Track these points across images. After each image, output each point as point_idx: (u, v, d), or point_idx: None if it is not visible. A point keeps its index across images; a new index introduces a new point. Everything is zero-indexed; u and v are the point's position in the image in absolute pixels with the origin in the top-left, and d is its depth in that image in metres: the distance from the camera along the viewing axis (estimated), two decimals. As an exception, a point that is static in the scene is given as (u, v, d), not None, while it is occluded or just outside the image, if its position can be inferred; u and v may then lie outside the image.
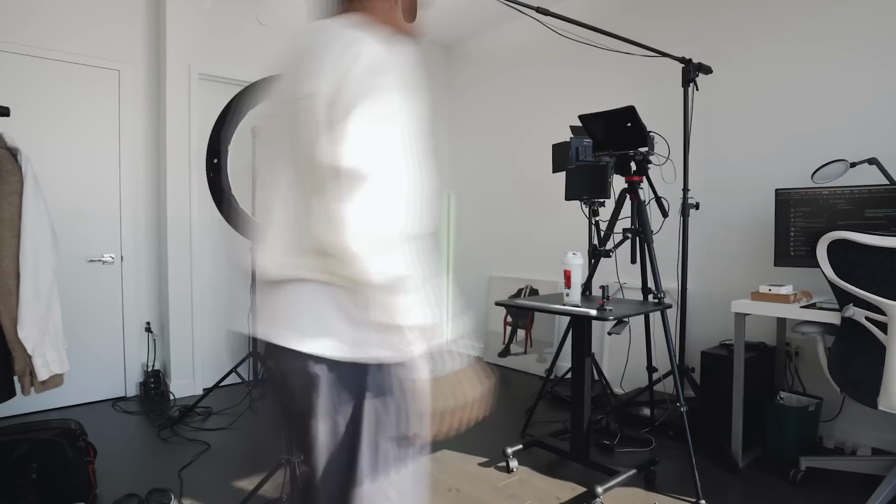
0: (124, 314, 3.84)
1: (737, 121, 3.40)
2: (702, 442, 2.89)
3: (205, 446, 3.00)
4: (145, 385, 3.82)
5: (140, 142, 3.90)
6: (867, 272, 2.11)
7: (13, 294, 2.17)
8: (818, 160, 2.90)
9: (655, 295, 2.76)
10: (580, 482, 2.59)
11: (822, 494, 2.45)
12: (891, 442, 2.78)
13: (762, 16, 3.27)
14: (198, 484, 2.58)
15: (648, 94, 3.70)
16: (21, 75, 3.41)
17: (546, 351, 4.38)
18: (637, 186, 2.85)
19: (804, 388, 3.05)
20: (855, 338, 2.24)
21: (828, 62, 3.02)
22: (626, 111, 2.65)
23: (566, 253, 2.59)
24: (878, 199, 2.58)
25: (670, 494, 2.48)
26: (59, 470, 2.29)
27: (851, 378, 2.26)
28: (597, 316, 2.37)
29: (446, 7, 4.38)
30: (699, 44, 3.51)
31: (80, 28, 3.60)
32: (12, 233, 2.18)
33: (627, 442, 3.03)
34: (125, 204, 3.83)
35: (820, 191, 2.75)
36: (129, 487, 2.47)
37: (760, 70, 3.29)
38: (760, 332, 3.16)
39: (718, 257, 3.48)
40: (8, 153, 2.26)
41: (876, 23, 2.86)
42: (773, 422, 2.82)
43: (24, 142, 2.49)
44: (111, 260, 3.79)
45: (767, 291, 2.64)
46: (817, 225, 2.74)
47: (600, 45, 2.75)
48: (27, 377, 2.21)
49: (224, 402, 3.69)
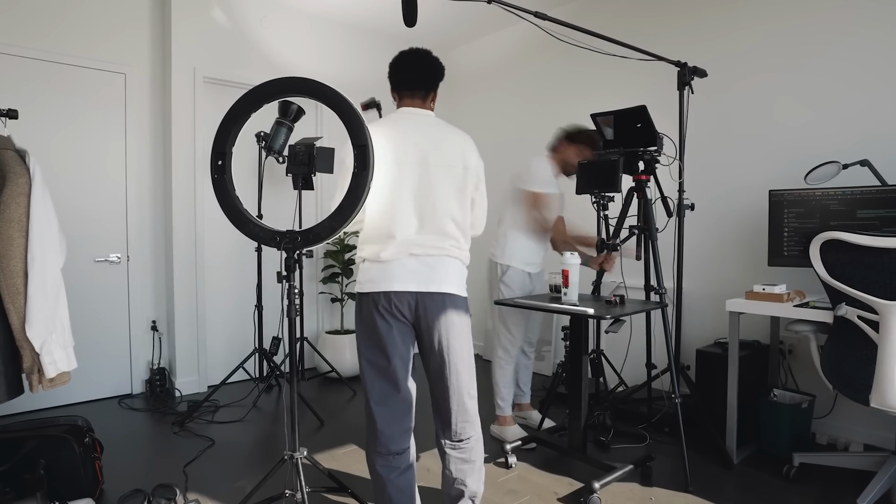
0: (130, 313, 3.90)
1: (731, 123, 3.44)
2: (697, 438, 2.94)
3: (209, 442, 3.05)
4: (151, 382, 3.88)
5: (146, 144, 3.95)
6: (859, 272, 2.15)
7: (21, 293, 2.19)
8: (811, 162, 2.94)
9: (657, 292, 2.81)
10: (578, 477, 2.63)
11: (815, 490, 2.48)
12: (882, 438, 2.82)
13: (757, 20, 3.31)
14: (203, 479, 2.63)
15: (644, 97, 3.72)
16: (29, 79, 3.47)
17: (544, 349, 4.42)
18: (644, 185, 2.91)
19: (797, 385, 3.09)
20: (847, 336, 2.28)
21: (821, 66, 3.07)
22: (637, 110, 2.70)
23: (564, 253, 2.64)
24: (870, 200, 2.62)
25: (666, 489, 2.52)
26: (67, 466, 2.33)
27: (844, 376, 2.30)
28: (594, 315, 2.41)
29: (444, 12, 4.42)
30: (694, 47, 3.56)
31: (87, 32, 3.66)
32: (20, 233, 2.20)
33: (623, 438, 3.07)
34: (131, 205, 3.89)
35: (813, 192, 2.78)
36: (134, 483, 2.51)
37: (754, 73, 3.33)
38: (754, 330, 3.20)
39: (713, 257, 3.53)
40: (16, 155, 2.29)
41: (867, 28, 2.90)
42: (766, 419, 2.86)
43: (32, 144, 2.54)
44: (117, 260, 3.84)
45: (761, 291, 2.68)
46: (810, 225, 2.78)
47: (597, 49, 2.79)
48: (35, 375, 2.24)
49: (230, 398, 3.75)
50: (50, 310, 2.26)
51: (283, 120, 3.48)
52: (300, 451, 2.06)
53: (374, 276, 1.88)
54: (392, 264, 1.86)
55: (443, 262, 1.91)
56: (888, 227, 2.56)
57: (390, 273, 1.86)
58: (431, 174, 1.89)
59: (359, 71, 4.88)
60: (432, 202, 1.89)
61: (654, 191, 2.96)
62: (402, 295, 1.86)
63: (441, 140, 1.96)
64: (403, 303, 1.86)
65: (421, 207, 1.89)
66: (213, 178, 1.90)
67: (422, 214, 1.89)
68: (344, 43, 4.81)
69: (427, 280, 1.87)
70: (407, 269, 1.86)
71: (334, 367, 4.17)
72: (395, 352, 1.89)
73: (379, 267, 1.87)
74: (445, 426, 1.96)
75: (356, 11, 4.57)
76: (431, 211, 1.89)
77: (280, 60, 4.41)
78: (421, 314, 1.88)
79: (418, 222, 1.88)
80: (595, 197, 3.18)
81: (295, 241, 1.83)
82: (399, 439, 1.93)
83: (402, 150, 1.89)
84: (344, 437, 3.16)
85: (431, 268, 1.88)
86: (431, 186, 1.89)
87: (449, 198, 1.92)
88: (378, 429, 1.91)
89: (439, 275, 1.89)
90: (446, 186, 1.92)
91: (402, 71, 2.05)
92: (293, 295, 1.89)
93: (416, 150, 1.90)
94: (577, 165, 2.94)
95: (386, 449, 1.91)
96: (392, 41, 5.08)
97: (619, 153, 2.89)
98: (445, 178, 1.91)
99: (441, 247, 1.90)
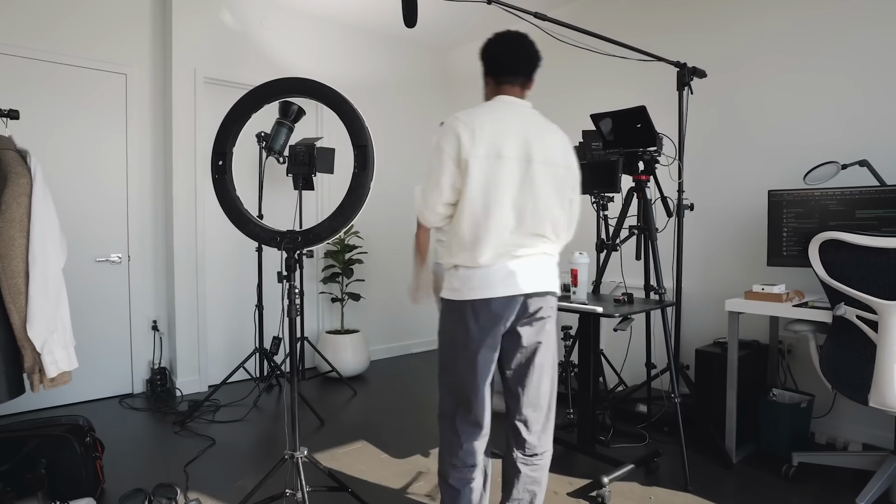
0: (131, 313, 3.91)
1: (730, 124, 3.45)
2: (696, 438, 2.94)
3: (210, 441, 3.06)
4: (152, 382, 3.89)
5: (147, 144, 3.96)
6: (858, 272, 2.15)
7: (22, 293, 2.20)
8: (810, 162, 2.95)
9: (657, 291, 2.82)
10: (579, 475, 2.64)
11: (814, 489, 2.49)
12: (881, 438, 2.83)
13: (756, 21, 3.32)
14: (203, 478, 2.64)
15: (644, 97, 3.73)
16: (30, 79, 3.48)
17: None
18: (644, 185, 2.92)
19: (796, 385, 3.10)
20: (846, 336, 2.28)
21: (820, 67, 3.07)
22: (637, 111, 2.71)
23: (573, 252, 2.63)
24: (869, 200, 2.63)
25: (665, 488, 2.53)
26: (68, 465, 2.33)
27: (843, 375, 2.31)
28: (603, 313, 2.42)
29: (444, 12, 4.43)
30: (694, 48, 3.56)
31: (88, 33, 3.67)
32: (22, 233, 2.21)
33: (622, 437, 3.08)
34: (132, 205, 3.89)
35: (812, 192, 2.79)
36: (136, 482, 2.52)
37: (754, 74, 3.34)
38: (754, 330, 3.20)
39: (713, 257, 3.53)
40: (17, 155, 2.30)
41: (866, 28, 2.90)
42: (766, 418, 2.87)
43: (34, 144, 2.54)
44: (118, 260, 3.85)
45: (760, 291, 2.69)
46: (809, 225, 2.78)
47: (597, 50, 2.80)
48: (36, 374, 2.24)
49: (231, 398, 3.76)
50: (51, 310, 2.27)
51: (283, 120, 3.49)
52: (300, 450, 2.07)
53: (472, 283, 1.75)
54: (492, 269, 1.73)
55: (541, 262, 1.81)
56: (887, 227, 2.57)
57: (490, 279, 1.73)
58: (535, 172, 1.75)
59: (359, 71, 4.89)
60: (534, 202, 1.75)
61: (654, 191, 2.97)
62: (503, 301, 1.74)
63: (545, 134, 1.84)
64: (504, 309, 1.75)
65: (522, 207, 1.74)
66: (214, 178, 1.91)
67: (521, 215, 1.74)
68: (344, 43, 4.82)
69: (528, 281, 1.76)
70: (508, 272, 1.74)
71: (334, 367, 4.18)
72: (484, 364, 1.78)
73: (478, 273, 1.74)
74: (519, 437, 1.87)
75: (356, 12, 4.57)
76: (532, 211, 1.75)
77: (280, 61, 4.41)
78: (519, 317, 1.78)
79: (515, 222, 1.74)
80: (595, 197, 3.20)
81: (295, 241, 1.85)
82: (476, 453, 1.83)
83: (504, 142, 1.73)
84: (344, 437, 3.16)
85: (532, 268, 1.78)
86: (535, 185, 1.75)
87: (550, 198, 1.79)
88: (460, 442, 1.81)
89: (540, 274, 1.79)
90: (549, 185, 1.78)
91: (501, 53, 1.90)
92: (294, 295, 1.89)
93: (521, 144, 1.75)
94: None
95: (462, 462, 1.81)
96: (392, 42, 5.10)
97: (619, 153, 2.91)
98: (548, 176, 1.78)
99: (537, 247, 1.79)
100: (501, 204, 1.71)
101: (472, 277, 1.74)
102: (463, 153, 1.70)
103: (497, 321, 1.75)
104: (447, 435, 1.84)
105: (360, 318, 4.85)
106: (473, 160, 1.68)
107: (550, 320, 1.85)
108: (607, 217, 3.25)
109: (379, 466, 2.78)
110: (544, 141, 1.80)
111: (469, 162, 1.69)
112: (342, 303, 4.50)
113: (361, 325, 4.74)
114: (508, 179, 1.72)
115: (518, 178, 1.73)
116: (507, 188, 1.72)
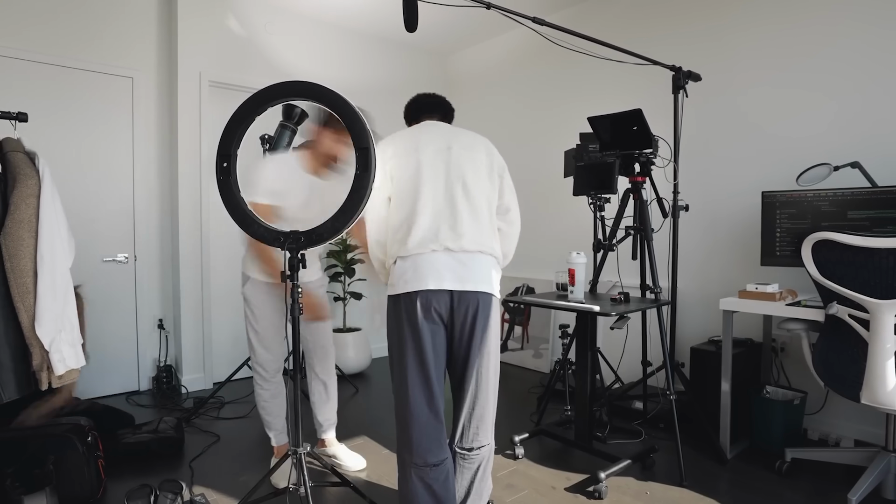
0: (137, 311, 3.96)
1: (724, 126, 3.49)
2: (691, 434, 2.99)
3: (215, 438, 3.11)
4: (158, 379, 3.95)
5: (153, 147, 4.02)
6: (850, 271, 2.18)
7: (31, 292, 2.22)
8: (803, 164, 2.99)
9: (653, 291, 2.86)
10: (577, 470, 2.68)
11: (807, 485, 2.53)
12: (873, 434, 2.87)
13: (749, 26, 3.36)
14: (208, 474, 2.69)
15: (640, 100, 3.78)
16: (38, 83, 3.53)
17: (542, 347, 4.47)
18: (640, 187, 2.96)
19: (789, 382, 3.14)
20: (838, 334, 2.31)
21: (812, 69, 3.11)
22: (633, 114, 2.75)
23: (570, 252, 2.68)
24: (861, 201, 2.66)
25: (661, 483, 2.57)
26: (70, 465, 2.35)
27: (835, 373, 2.33)
28: (600, 312, 2.47)
29: (444, 17, 4.48)
30: (689, 52, 3.61)
31: (96, 38, 3.73)
32: (30, 234, 2.24)
33: (619, 433, 3.12)
34: (138, 206, 3.95)
35: (805, 193, 2.83)
36: (141, 478, 2.57)
37: (747, 78, 3.38)
38: (747, 328, 3.24)
39: (707, 257, 3.57)
40: (26, 157, 2.33)
41: (858, 30, 2.94)
42: (759, 415, 2.90)
43: (42, 146, 2.58)
44: (125, 260, 3.91)
45: (754, 290, 2.72)
46: (802, 226, 2.82)
47: (594, 54, 2.84)
48: (44, 372, 2.26)
49: (235, 395, 3.81)
50: (59, 308, 2.29)
51: (286, 123, 3.53)
52: (304, 446, 2.10)
53: (406, 276, 1.81)
54: (420, 258, 1.80)
55: (477, 259, 1.85)
56: (878, 227, 2.60)
57: (421, 270, 1.80)
58: (458, 155, 1.90)
59: (361, 75, 4.95)
60: (462, 178, 1.88)
61: (650, 192, 3.01)
62: (438, 293, 1.79)
63: (461, 134, 2.00)
64: (433, 302, 1.79)
65: (451, 187, 1.86)
66: (219, 179, 1.94)
67: (452, 196, 1.85)
68: (346, 48, 4.87)
69: (461, 278, 1.81)
70: (441, 264, 1.80)
71: (337, 365, 4.21)
72: (434, 357, 1.83)
73: (409, 263, 1.81)
74: (460, 431, 1.94)
75: (358, 17, 4.62)
76: (463, 187, 1.87)
77: (284, 65, 4.47)
78: (455, 310, 1.83)
79: (445, 202, 1.85)
80: (592, 198, 3.25)
81: (298, 241, 1.87)
82: (436, 451, 1.86)
83: (423, 141, 1.92)
84: (346, 433, 3.21)
85: (464, 264, 1.82)
86: (460, 164, 1.89)
87: (480, 175, 1.91)
88: (413, 440, 1.84)
89: (474, 271, 1.83)
90: (473, 165, 1.91)
91: (419, 103, 2.14)
92: (297, 294, 1.92)
93: (439, 138, 1.93)
94: (336, 156, 2.60)
95: (423, 460, 1.84)
96: (393, 46, 5.15)
97: (616, 155, 2.95)
98: (471, 159, 1.92)
99: (477, 240, 1.86)
100: (430, 184, 1.85)
101: (405, 268, 1.83)
102: (388, 161, 1.90)
103: (434, 315, 1.82)
104: (404, 433, 1.90)
105: (362, 317, 4.91)
106: (395, 160, 1.87)
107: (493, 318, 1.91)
108: (604, 218, 3.30)
109: (381, 462, 2.83)
110: (461, 137, 1.98)
111: (393, 162, 1.89)
112: (344, 302, 4.55)
113: (363, 324, 4.80)
114: (431, 163, 1.87)
115: (442, 161, 1.88)
116: (431, 172, 1.87)
